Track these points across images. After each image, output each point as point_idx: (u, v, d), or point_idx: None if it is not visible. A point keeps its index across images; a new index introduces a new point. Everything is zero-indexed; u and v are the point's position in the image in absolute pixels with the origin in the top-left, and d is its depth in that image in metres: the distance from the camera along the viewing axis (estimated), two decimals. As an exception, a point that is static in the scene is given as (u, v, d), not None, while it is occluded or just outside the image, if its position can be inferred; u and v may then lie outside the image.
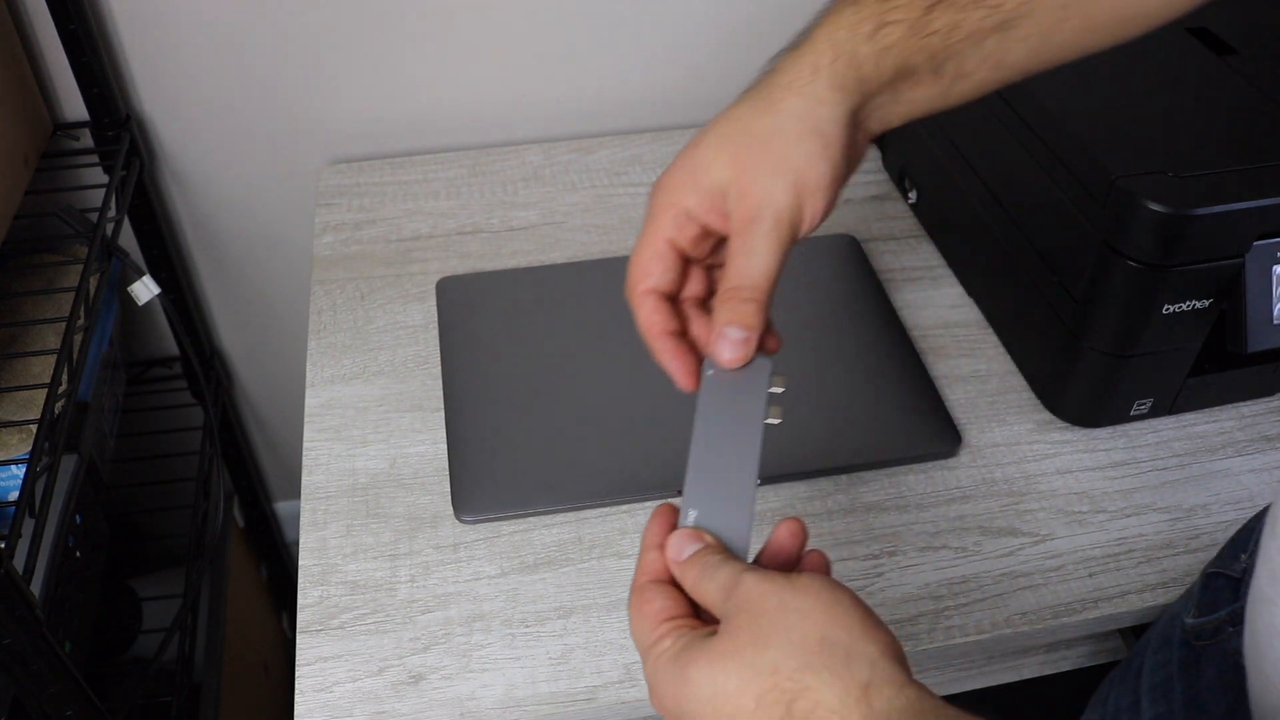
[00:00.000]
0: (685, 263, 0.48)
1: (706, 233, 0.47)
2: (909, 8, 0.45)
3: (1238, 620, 0.49)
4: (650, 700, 0.41)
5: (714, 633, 0.39)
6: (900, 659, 0.37)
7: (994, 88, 0.48)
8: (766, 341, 0.46)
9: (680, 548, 0.42)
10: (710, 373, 0.46)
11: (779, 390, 0.46)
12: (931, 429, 0.71)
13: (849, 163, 0.47)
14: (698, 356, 0.48)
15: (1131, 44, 0.74)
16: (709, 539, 0.42)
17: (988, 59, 0.47)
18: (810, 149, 0.45)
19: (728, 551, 0.42)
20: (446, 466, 0.68)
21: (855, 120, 0.46)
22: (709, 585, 0.40)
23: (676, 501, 0.45)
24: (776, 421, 0.46)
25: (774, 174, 0.45)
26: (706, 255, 0.49)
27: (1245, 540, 0.52)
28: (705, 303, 0.49)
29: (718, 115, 0.48)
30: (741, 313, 0.45)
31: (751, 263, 0.45)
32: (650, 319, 0.47)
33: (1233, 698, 0.49)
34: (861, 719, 0.35)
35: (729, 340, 0.45)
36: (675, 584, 0.42)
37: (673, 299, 0.48)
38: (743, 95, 0.48)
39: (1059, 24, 0.46)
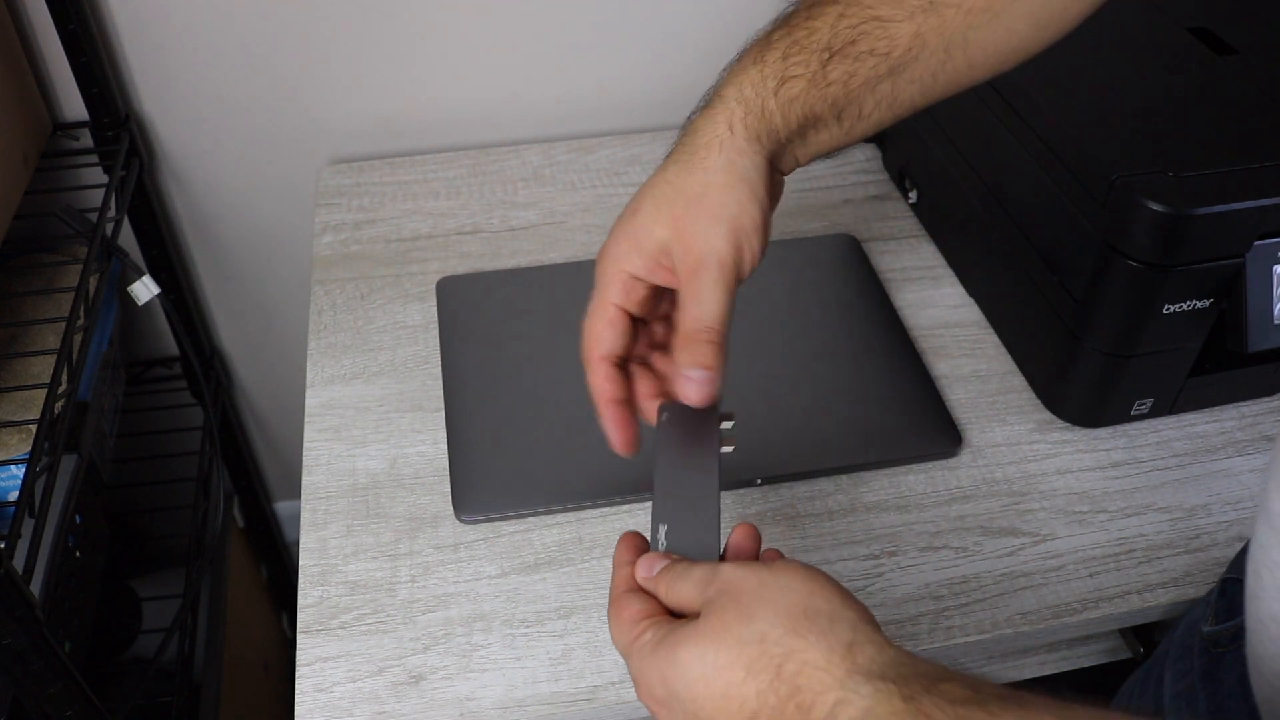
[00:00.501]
0: (634, 324, 0.52)
1: (655, 292, 0.52)
2: (808, 62, 0.51)
3: None
4: (639, 696, 0.42)
5: (696, 620, 0.40)
6: (878, 628, 0.40)
7: (890, 124, 0.54)
8: None
9: (651, 565, 0.44)
10: (665, 416, 0.49)
11: (728, 425, 0.49)
12: (932, 429, 0.71)
13: (773, 202, 0.52)
14: (636, 422, 0.52)
15: (1132, 44, 0.74)
16: (676, 557, 0.45)
17: (882, 101, 0.53)
18: (740, 196, 0.50)
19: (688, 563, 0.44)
20: (446, 466, 0.68)
21: (771, 165, 0.52)
22: (683, 585, 0.42)
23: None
24: (729, 450, 0.49)
25: (712, 223, 0.49)
26: (654, 312, 0.53)
27: None
28: (654, 349, 0.54)
29: (647, 182, 0.52)
30: (702, 354, 0.48)
31: (704, 308, 0.48)
32: (601, 386, 0.51)
33: (1255, 703, 0.49)
34: (846, 673, 0.37)
35: (694, 381, 0.48)
36: (649, 592, 0.44)
37: (624, 360, 0.53)
38: (666, 160, 0.52)
39: (943, 65, 0.52)
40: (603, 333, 0.52)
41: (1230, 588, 0.53)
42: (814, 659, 0.37)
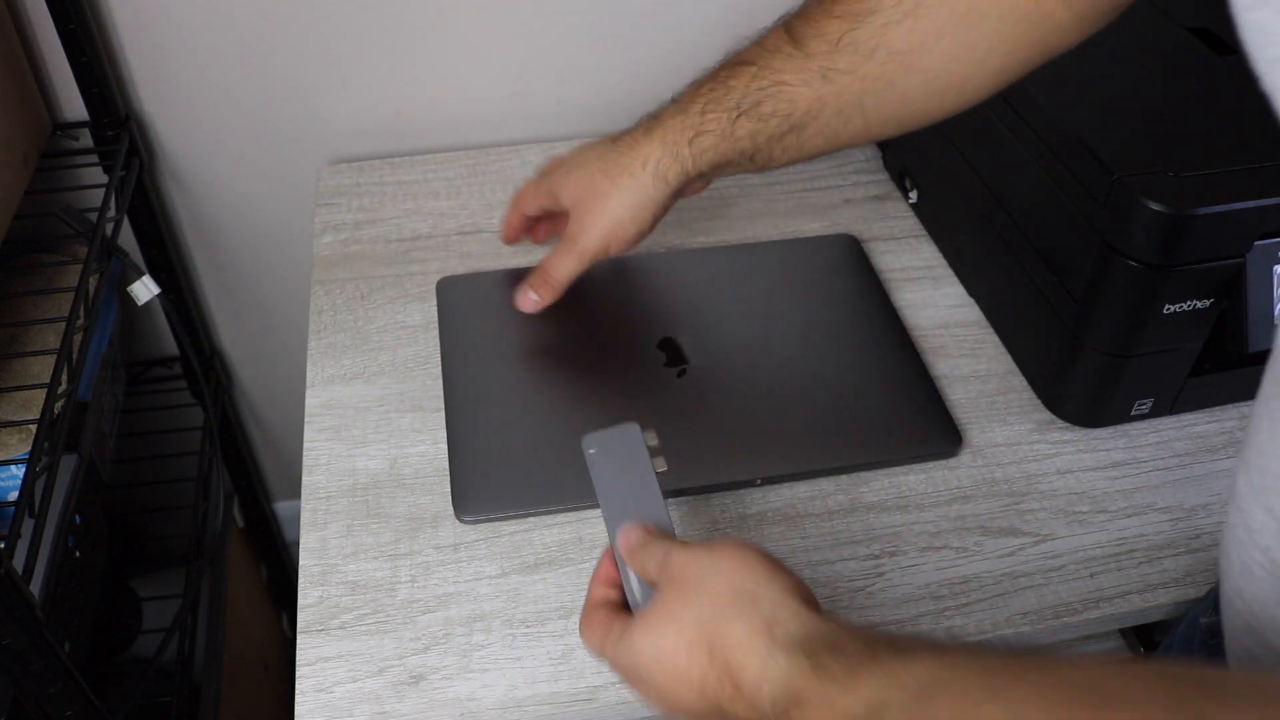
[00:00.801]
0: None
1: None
2: (719, 119, 0.63)
3: None
4: (628, 686, 0.47)
5: (648, 609, 0.46)
6: (806, 597, 0.44)
7: (803, 162, 0.65)
8: None
9: (629, 535, 0.50)
10: (592, 451, 0.55)
11: (654, 444, 0.56)
12: (932, 429, 0.71)
13: (658, 218, 0.69)
14: (524, 231, 0.81)
15: (1132, 44, 0.74)
16: (650, 526, 0.51)
17: (789, 149, 0.64)
18: (625, 217, 0.68)
19: (663, 532, 0.50)
20: (446, 466, 0.68)
21: (676, 193, 0.68)
22: (649, 563, 0.48)
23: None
24: (663, 469, 0.59)
25: (598, 219, 0.69)
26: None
27: None
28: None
29: (589, 151, 0.70)
30: (543, 290, 0.74)
31: (561, 265, 0.72)
32: (510, 214, 0.80)
33: None
34: (765, 648, 0.41)
35: (528, 300, 0.75)
36: (613, 607, 0.50)
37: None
38: (606, 146, 0.69)
39: (844, 125, 0.62)
40: (526, 202, 0.77)
41: None
42: (739, 638, 0.42)
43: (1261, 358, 0.67)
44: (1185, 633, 0.56)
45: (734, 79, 0.63)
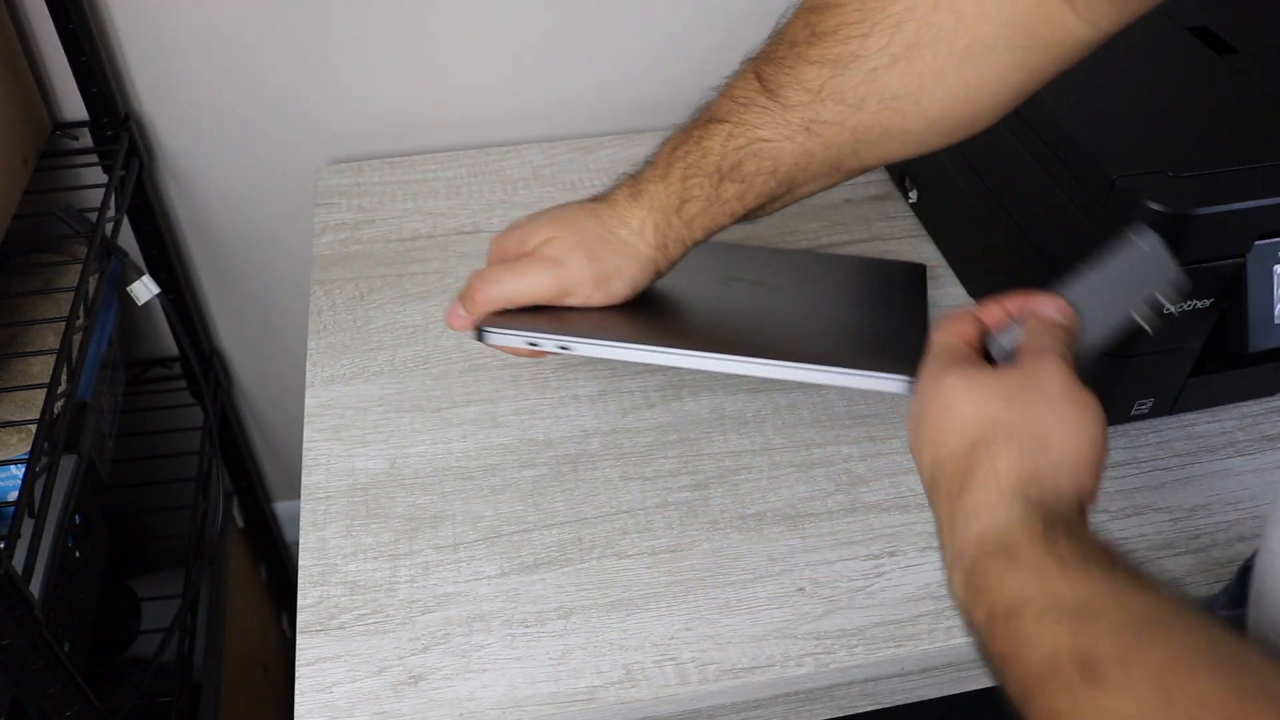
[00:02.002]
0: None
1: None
2: (703, 184, 0.57)
3: None
4: (913, 405, 0.48)
5: (990, 369, 0.46)
6: (1084, 496, 0.43)
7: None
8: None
9: (1062, 309, 0.50)
10: (1140, 244, 0.51)
11: (1162, 299, 0.51)
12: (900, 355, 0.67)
13: (656, 275, 0.62)
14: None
15: (1132, 44, 0.74)
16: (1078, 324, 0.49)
17: (779, 202, 0.59)
18: (624, 274, 0.60)
19: (1075, 337, 0.49)
20: (446, 466, 0.68)
21: (666, 257, 0.61)
22: (1044, 339, 0.47)
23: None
24: (1146, 327, 0.51)
25: (595, 279, 0.60)
26: None
27: None
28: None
29: (571, 207, 0.62)
30: (471, 307, 0.62)
31: (509, 284, 0.61)
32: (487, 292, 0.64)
33: None
34: (1012, 489, 0.41)
35: (457, 316, 0.63)
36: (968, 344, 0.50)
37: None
38: (584, 213, 0.61)
39: (837, 172, 0.57)
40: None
41: (1249, 575, 0.52)
42: (1001, 463, 0.42)
43: (1261, 358, 0.68)
44: None
45: (708, 139, 0.57)
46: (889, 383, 0.61)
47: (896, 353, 0.64)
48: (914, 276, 0.78)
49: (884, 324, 0.71)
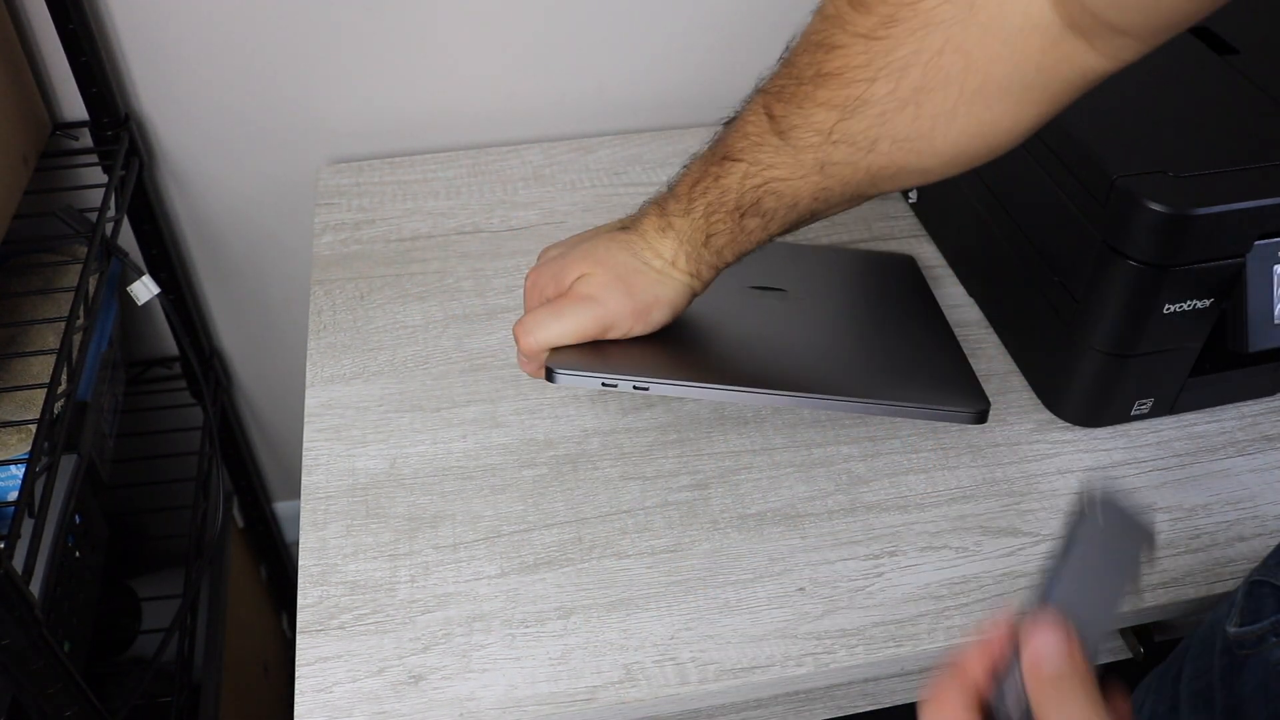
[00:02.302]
0: None
1: None
2: (725, 220, 0.57)
3: None
4: None
5: None
6: None
7: None
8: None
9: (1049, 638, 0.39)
10: (1094, 513, 0.46)
11: (1145, 561, 0.45)
12: (961, 390, 0.68)
13: (693, 297, 0.63)
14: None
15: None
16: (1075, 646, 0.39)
17: (805, 224, 0.59)
18: (663, 303, 0.61)
19: (1086, 667, 0.39)
20: (446, 466, 0.68)
21: (701, 280, 0.62)
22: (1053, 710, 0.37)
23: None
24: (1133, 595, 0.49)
25: (626, 297, 0.61)
26: None
27: None
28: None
29: (601, 239, 0.62)
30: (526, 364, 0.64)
31: (550, 327, 0.62)
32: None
33: (1275, 708, 0.48)
34: None
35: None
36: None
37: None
38: (624, 241, 0.61)
39: (853, 200, 0.56)
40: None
41: (1259, 589, 0.52)
42: None
43: (1261, 358, 0.68)
44: (1205, 636, 0.55)
45: (726, 177, 0.57)
46: (950, 416, 0.65)
47: (953, 381, 0.69)
48: (910, 266, 0.82)
49: (910, 332, 0.74)
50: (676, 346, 0.65)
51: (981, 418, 0.65)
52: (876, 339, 0.73)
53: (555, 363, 0.61)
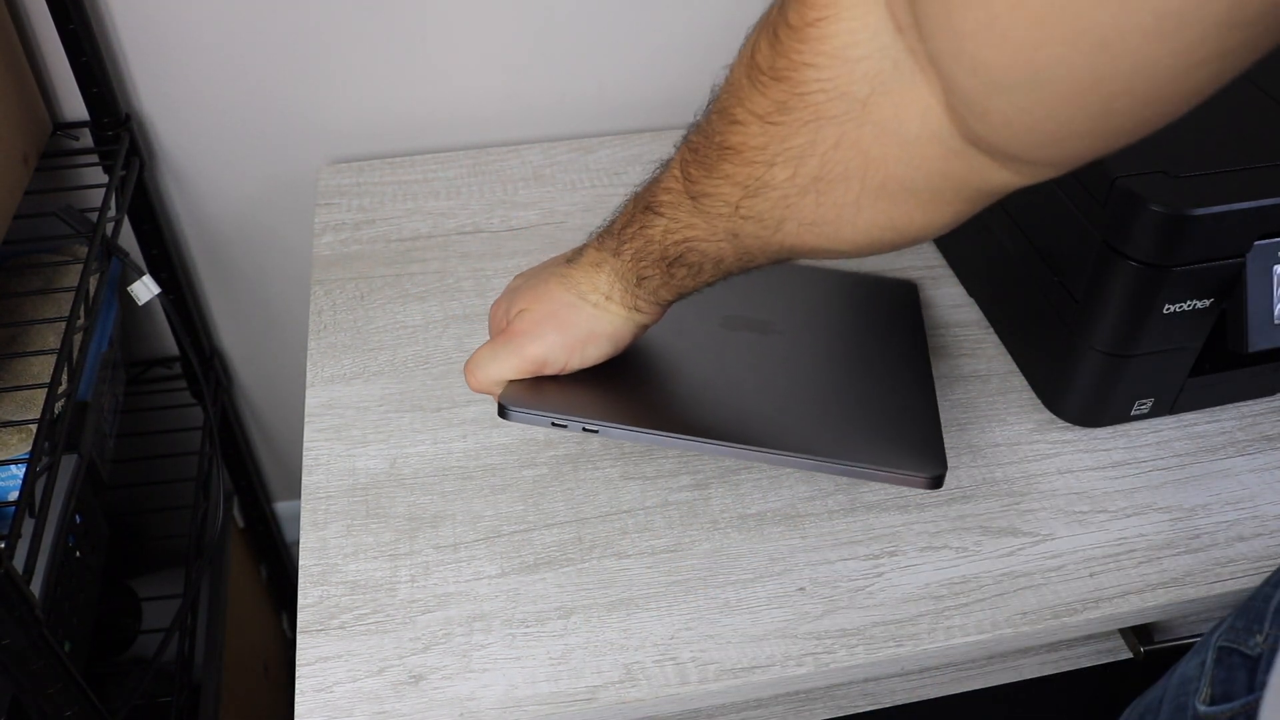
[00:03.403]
0: None
1: None
2: (654, 265, 0.56)
3: (1253, 713, 0.48)
4: None
5: None
6: None
7: None
8: None
9: None
10: None
11: None
12: (916, 449, 0.65)
13: (641, 329, 0.61)
14: None
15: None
16: None
17: (736, 274, 0.56)
18: (598, 338, 0.60)
19: None
20: (446, 466, 0.68)
21: (643, 313, 0.60)
22: None
23: None
24: None
25: (568, 346, 0.60)
26: None
27: (1261, 610, 0.50)
28: None
29: (544, 273, 0.62)
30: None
31: (493, 367, 0.61)
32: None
33: None
34: None
35: None
36: None
37: None
38: (562, 275, 0.60)
39: (781, 259, 0.52)
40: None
41: (1228, 658, 0.50)
42: None
43: (1261, 358, 0.68)
44: (1176, 700, 0.53)
45: (649, 228, 0.55)
46: (907, 480, 0.61)
47: (913, 441, 0.64)
48: (909, 295, 0.79)
49: (885, 378, 0.70)
50: (634, 387, 0.64)
51: (936, 483, 0.61)
52: (846, 386, 0.69)
53: (507, 399, 0.61)
